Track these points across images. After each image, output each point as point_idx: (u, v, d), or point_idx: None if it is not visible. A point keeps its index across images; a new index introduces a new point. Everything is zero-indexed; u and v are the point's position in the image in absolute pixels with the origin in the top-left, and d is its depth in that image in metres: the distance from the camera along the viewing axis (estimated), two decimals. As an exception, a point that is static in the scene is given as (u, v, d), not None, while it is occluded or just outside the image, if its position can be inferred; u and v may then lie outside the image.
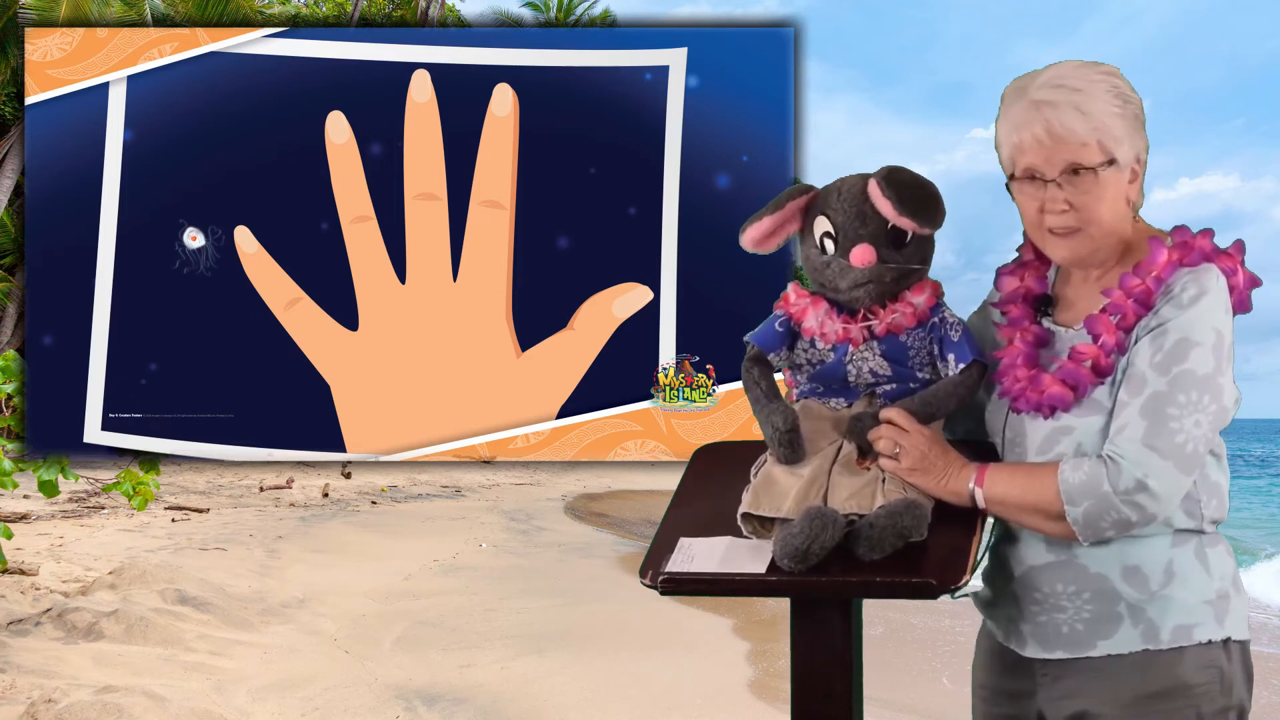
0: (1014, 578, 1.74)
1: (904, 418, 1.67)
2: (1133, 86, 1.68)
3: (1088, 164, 1.63)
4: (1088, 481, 1.58)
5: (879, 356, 1.72)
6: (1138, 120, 1.67)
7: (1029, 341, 1.74)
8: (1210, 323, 1.59)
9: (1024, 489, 1.63)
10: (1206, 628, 1.64)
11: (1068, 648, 1.69)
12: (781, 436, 1.69)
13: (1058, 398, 1.66)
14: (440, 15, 24.63)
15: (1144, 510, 1.57)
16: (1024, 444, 1.71)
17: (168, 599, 6.79)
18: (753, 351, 1.77)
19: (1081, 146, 1.63)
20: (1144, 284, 1.63)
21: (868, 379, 1.73)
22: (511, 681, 5.92)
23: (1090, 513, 1.58)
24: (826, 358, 1.74)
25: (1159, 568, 1.64)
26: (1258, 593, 11.15)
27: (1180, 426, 1.56)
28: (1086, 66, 1.68)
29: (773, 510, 1.66)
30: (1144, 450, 1.55)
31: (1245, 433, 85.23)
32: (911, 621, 7.90)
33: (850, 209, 1.68)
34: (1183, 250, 1.64)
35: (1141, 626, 1.64)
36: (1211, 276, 1.61)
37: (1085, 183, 1.64)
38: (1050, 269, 1.80)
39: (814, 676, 1.67)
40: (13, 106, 18.80)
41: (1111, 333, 1.64)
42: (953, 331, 1.72)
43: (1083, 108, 1.64)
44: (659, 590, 1.68)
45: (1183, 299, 1.59)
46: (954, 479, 1.66)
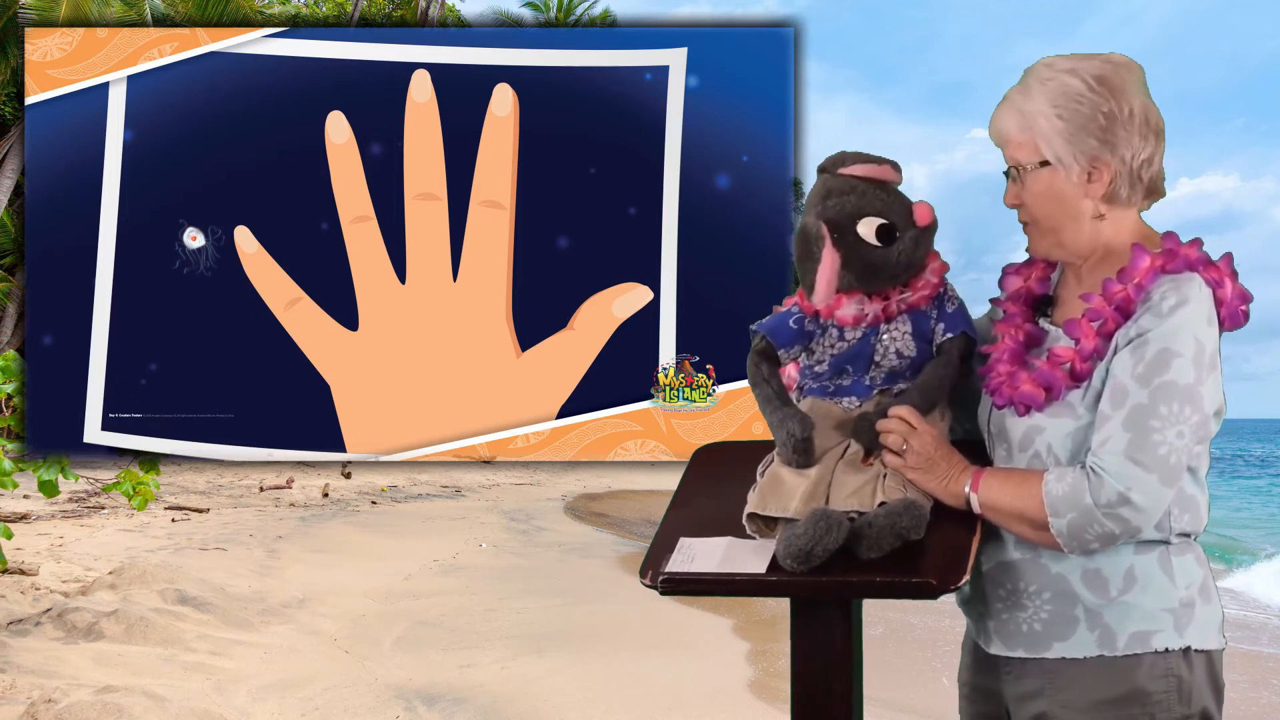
0: (984, 572, 1.74)
1: (913, 415, 1.67)
2: (1118, 82, 1.64)
3: (1018, 162, 1.68)
4: (1070, 494, 1.57)
5: (907, 335, 1.72)
6: (1093, 119, 1.63)
7: (1018, 339, 1.74)
8: (1191, 332, 1.57)
9: (1013, 497, 1.63)
10: (1165, 636, 1.62)
11: (1027, 647, 1.69)
12: (797, 444, 1.68)
13: (1029, 396, 1.67)
14: (440, 15, 24.63)
15: (1127, 523, 1.56)
16: (1006, 440, 1.71)
17: (168, 599, 6.79)
18: (761, 345, 1.74)
19: (1020, 146, 1.68)
20: (1125, 290, 1.62)
21: (892, 360, 1.72)
22: (511, 681, 5.92)
23: (1074, 525, 1.57)
24: (853, 337, 1.72)
25: (1119, 572, 1.63)
26: (1258, 593, 11.14)
27: (1163, 439, 1.55)
28: (1059, 62, 1.67)
29: (779, 510, 1.66)
30: (1126, 463, 1.54)
31: (1245, 433, 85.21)
32: (911, 621, 7.90)
33: (873, 195, 1.69)
34: (1166, 257, 1.62)
35: (1098, 631, 1.63)
36: (1194, 285, 1.59)
37: (1028, 180, 1.68)
38: (1055, 270, 1.80)
39: (814, 676, 1.67)
40: (13, 106, 18.80)
41: (1090, 338, 1.64)
42: (949, 304, 1.74)
43: (1022, 107, 1.67)
44: (659, 590, 1.68)
45: (1162, 308, 1.58)
46: (954, 481, 1.66)
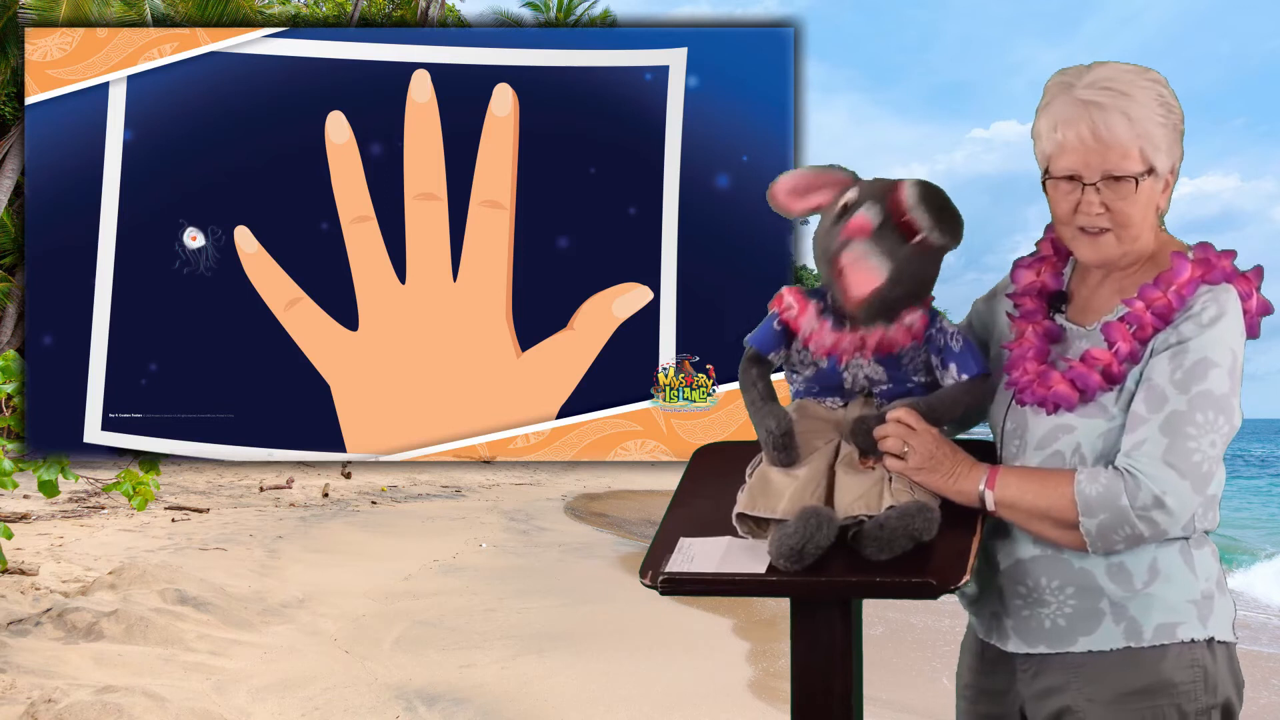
0: (1000, 571, 1.74)
1: (912, 416, 1.67)
2: (1176, 97, 1.68)
3: (1129, 172, 1.63)
4: (1105, 494, 1.58)
5: (874, 364, 1.72)
6: (1178, 131, 1.67)
7: (1040, 335, 1.74)
8: (1228, 344, 1.61)
9: (1037, 495, 1.63)
10: (1190, 626, 1.64)
11: (1050, 643, 1.69)
12: (776, 440, 1.68)
13: (1063, 397, 1.67)
14: (440, 15, 24.62)
15: (1157, 526, 1.58)
16: (1024, 436, 1.71)
17: (168, 599, 6.79)
18: (750, 352, 1.76)
19: (1124, 153, 1.62)
20: (1165, 298, 1.63)
21: (864, 384, 1.73)
22: (511, 681, 5.91)
23: (1105, 525, 1.58)
24: (821, 363, 1.73)
25: (1143, 565, 1.64)
26: (1258, 593, 11.14)
27: (1198, 446, 1.57)
28: (1135, 71, 1.67)
29: (768, 511, 1.66)
30: (1163, 467, 1.56)
31: (1245, 433, 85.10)
32: (911, 621, 7.90)
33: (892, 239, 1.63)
34: (1205, 267, 1.65)
35: (1124, 624, 1.64)
36: (1231, 298, 1.63)
37: (1124, 189, 1.63)
38: (1067, 266, 1.80)
39: (814, 676, 1.67)
40: (13, 106, 18.79)
41: (1127, 341, 1.64)
42: (954, 342, 1.72)
43: (1130, 114, 1.63)
44: (659, 590, 1.68)
45: (1203, 318, 1.61)
46: (963, 479, 1.66)
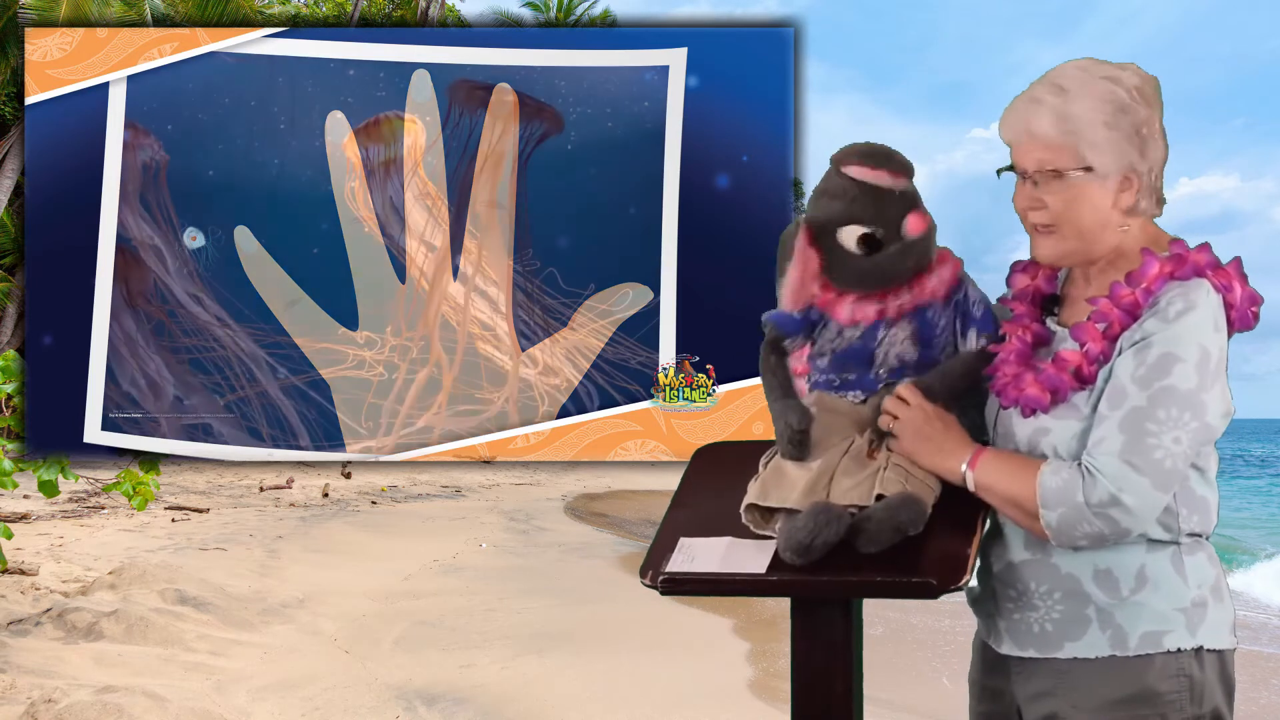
0: (993, 573, 1.74)
1: (910, 391, 1.67)
2: (1151, 94, 1.65)
3: (1059, 167, 1.63)
4: (1063, 489, 1.58)
5: (907, 340, 1.72)
6: (1136, 131, 1.64)
7: (1025, 339, 1.73)
8: (1195, 338, 1.58)
9: (1009, 481, 1.63)
10: (1177, 635, 1.62)
11: (1038, 647, 1.69)
12: (793, 435, 1.69)
13: (1034, 399, 1.67)
14: (440, 15, 24.62)
15: (1116, 524, 1.56)
16: (1011, 441, 1.71)
17: (168, 599, 6.79)
18: (772, 334, 1.76)
19: (1055, 150, 1.63)
20: (1133, 295, 1.62)
21: (893, 363, 1.72)
22: (511, 681, 5.91)
23: (1064, 520, 1.58)
24: (854, 337, 1.72)
25: (1131, 572, 1.63)
26: (1258, 593, 11.14)
27: (1159, 443, 1.55)
28: (1094, 67, 1.66)
29: (780, 501, 1.67)
30: (1120, 465, 1.55)
31: (1245, 433, 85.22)
32: (911, 621, 7.90)
33: (864, 201, 1.67)
34: (1175, 263, 1.62)
35: (1110, 631, 1.63)
36: (1201, 291, 1.60)
37: (1057, 185, 1.64)
38: (1062, 269, 1.80)
39: (814, 676, 1.67)
40: (13, 106, 18.79)
41: (1097, 341, 1.63)
42: (975, 308, 1.73)
43: (1063, 112, 1.63)
44: (659, 590, 1.69)
45: (1169, 313, 1.58)
46: (950, 456, 1.66)
